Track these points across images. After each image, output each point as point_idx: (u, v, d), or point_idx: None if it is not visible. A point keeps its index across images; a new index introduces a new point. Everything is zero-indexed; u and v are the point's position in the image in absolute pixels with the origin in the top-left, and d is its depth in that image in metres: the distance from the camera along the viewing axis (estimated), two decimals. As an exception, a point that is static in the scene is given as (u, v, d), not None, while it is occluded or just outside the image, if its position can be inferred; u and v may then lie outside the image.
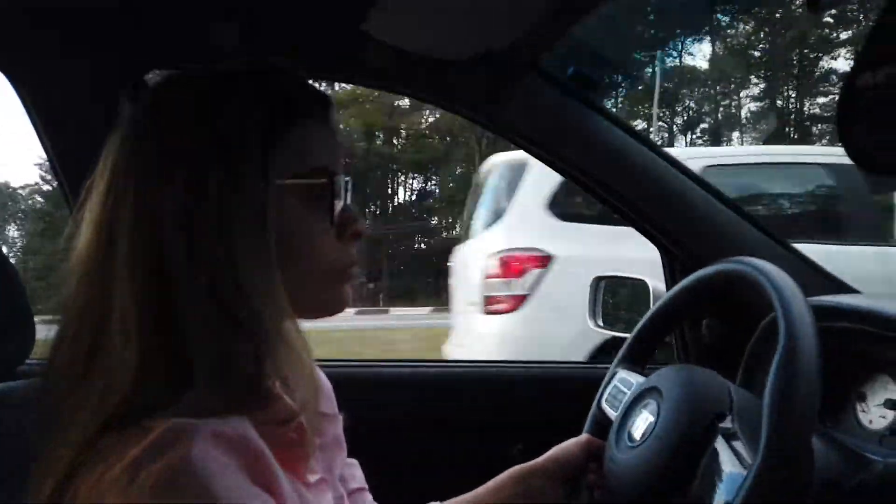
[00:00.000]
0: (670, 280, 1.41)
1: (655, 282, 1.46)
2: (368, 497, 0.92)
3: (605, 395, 1.02)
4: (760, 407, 0.79)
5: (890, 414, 0.94)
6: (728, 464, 0.72)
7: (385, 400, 1.50)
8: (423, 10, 1.04)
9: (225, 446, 0.54)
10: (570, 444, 0.99)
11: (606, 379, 1.04)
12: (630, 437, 0.85)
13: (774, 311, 0.75)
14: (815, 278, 1.25)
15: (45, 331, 0.66)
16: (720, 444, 0.74)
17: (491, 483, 0.98)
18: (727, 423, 0.76)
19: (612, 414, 0.98)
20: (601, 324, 1.59)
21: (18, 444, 0.82)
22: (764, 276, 0.78)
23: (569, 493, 0.97)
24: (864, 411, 0.98)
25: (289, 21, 1.20)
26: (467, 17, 1.06)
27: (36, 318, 0.88)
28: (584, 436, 1.01)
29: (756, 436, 0.71)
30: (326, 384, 0.85)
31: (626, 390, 0.98)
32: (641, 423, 0.84)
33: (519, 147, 1.37)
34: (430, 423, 1.51)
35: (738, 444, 0.73)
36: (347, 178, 0.71)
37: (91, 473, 0.53)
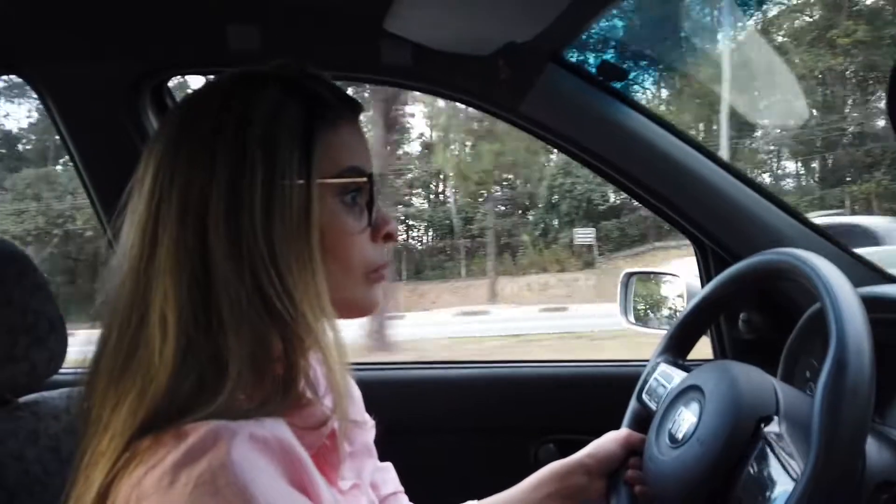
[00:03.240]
0: (704, 274, 1.37)
1: (688, 277, 1.43)
2: (404, 499, 0.92)
3: (645, 389, 0.99)
4: (808, 406, 0.75)
5: None
6: (774, 470, 0.69)
7: (415, 402, 1.49)
8: (445, 6, 1.03)
9: (262, 448, 0.55)
10: (608, 438, 0.97)
11: (646, 371, 1.01)
12: (671, 437, 0.82)
13: (820, 304, 0.72)
14: (859, 269, 1.21)
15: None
16: (766, 449, 0.71)
17: (529, 480, 0.96)
18: (773, 426, 0.73)
19: (652, 407, 0.95)
20: (633, 321, 1.56)
21: (54, 455, 0.83)
22: (811, 268, 0.75)
23: (608, 489, 0.95)
24: (912, 404, 0.94)
25: (308, 21, 1.20)
26: (491, 12, 1.04)
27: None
28: (623, 430, 0.99)
29: (805, 438, 0.68)
30: (355, 391, 0.84)
31: (666, 384, 0.95)
32: (683, 422, 0.82)
33: (543, 140, 1.35)
34: (460, 425, 1.50)
35: (784, 448, 0.70)
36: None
37: (130, 476, 0.54)
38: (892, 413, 0.91)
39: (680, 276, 1.46)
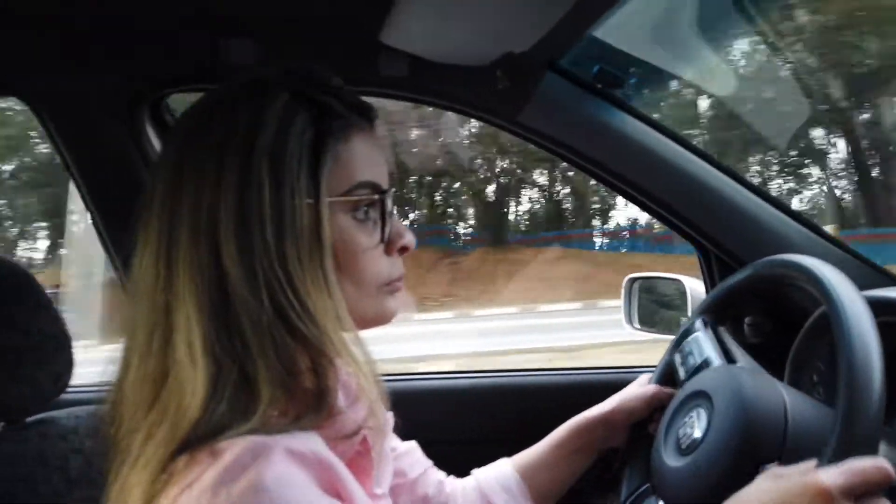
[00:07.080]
0: (709, 279, 1.36)
1: (692, 281, 1.42)
2: (433, 472, 0.94)
3: (679, 347, 0.99)
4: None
5: None
6: None
7: (420, 412, 1.48)
8: (441, 18, 1.02)
9: (298, 462, 0.54)
10: (635, 396, 0.98)
11: (684, 328, 1.00)
12: (678, 443, 0.82)
13: (827, 311, 0.71)
14: (865, 272, 1.20)
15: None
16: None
17: (552, 437, 0.98)
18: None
19: (680, 373, 0.96)
20: (638, 326, 1.55)
21: (62, 476, 0.82)
22: (816, 274, 0.74)
23: (629, 439, 0.98)
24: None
25: (304, 34, 1.20)
26: (488, 23, 1.04)
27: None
28: (650, 387, 0.99)
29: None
30: None
31: (696, 355, 0.94)
32: (690, 430, 0.81)
33: (543, 149, 1.34)
34: (464, 434, 1.49)
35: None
36: (394, 191, 0.69)
37: (167, 497, 0.53)
38: None
39: (682, 279, 1.45)
